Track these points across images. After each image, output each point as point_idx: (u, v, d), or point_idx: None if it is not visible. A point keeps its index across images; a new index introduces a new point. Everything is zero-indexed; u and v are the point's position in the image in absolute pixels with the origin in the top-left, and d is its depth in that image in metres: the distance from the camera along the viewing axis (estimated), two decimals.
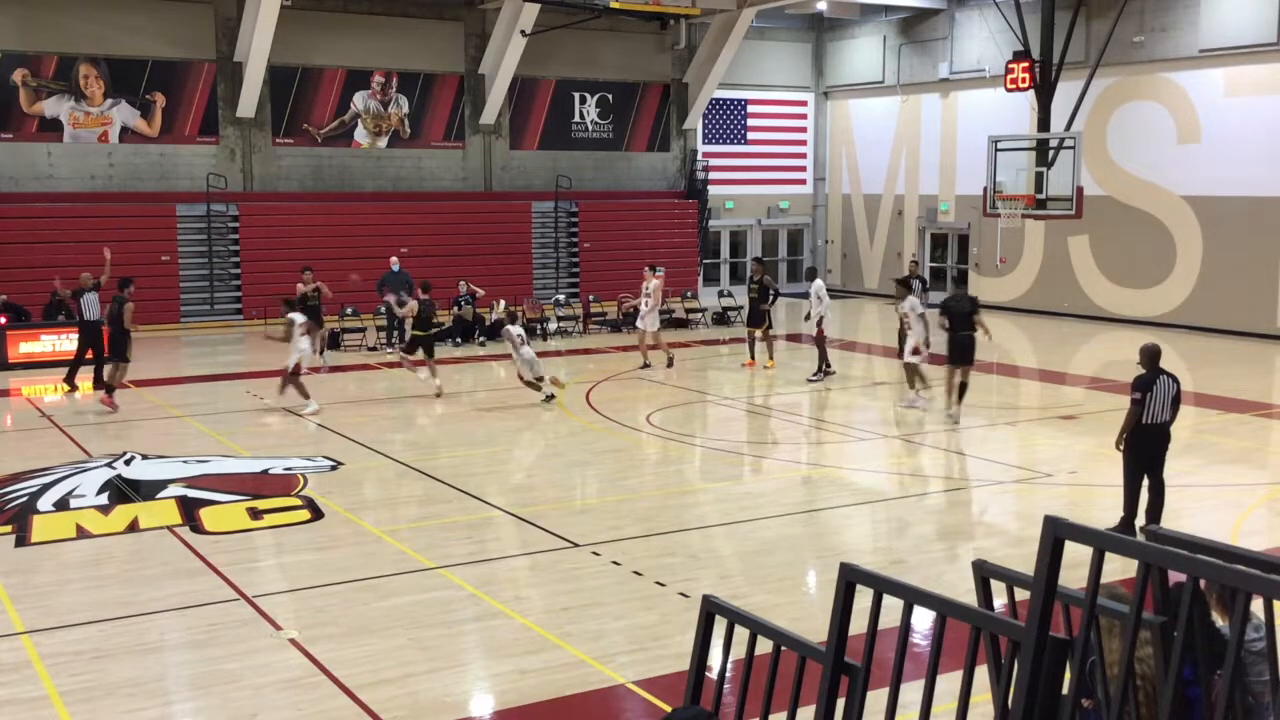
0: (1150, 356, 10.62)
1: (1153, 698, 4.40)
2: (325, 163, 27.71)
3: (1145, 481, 10.62)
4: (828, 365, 19.43)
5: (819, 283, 19.90)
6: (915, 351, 16.61)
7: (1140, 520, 10.43)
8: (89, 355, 18.43)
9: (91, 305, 18.44)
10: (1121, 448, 10.71)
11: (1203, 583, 3.82)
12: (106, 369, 17.31)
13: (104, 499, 12.11)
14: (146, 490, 12.43)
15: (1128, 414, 10.57)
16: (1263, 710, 4.62)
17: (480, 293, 24.28)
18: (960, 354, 15.89)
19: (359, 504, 12.04)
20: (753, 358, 20.67)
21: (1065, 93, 23.51)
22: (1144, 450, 10.55)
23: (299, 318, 17.14)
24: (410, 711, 7.17)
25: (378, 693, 7.38)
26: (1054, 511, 3.66)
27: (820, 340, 19.39)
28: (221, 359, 22.52)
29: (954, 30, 30.12)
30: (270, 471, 13.35)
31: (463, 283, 24.37)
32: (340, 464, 13.64)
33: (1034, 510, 11.75)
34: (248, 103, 26.21)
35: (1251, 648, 4.47)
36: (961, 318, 15.96)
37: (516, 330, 17.30)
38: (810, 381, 19.03)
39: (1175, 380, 10.59)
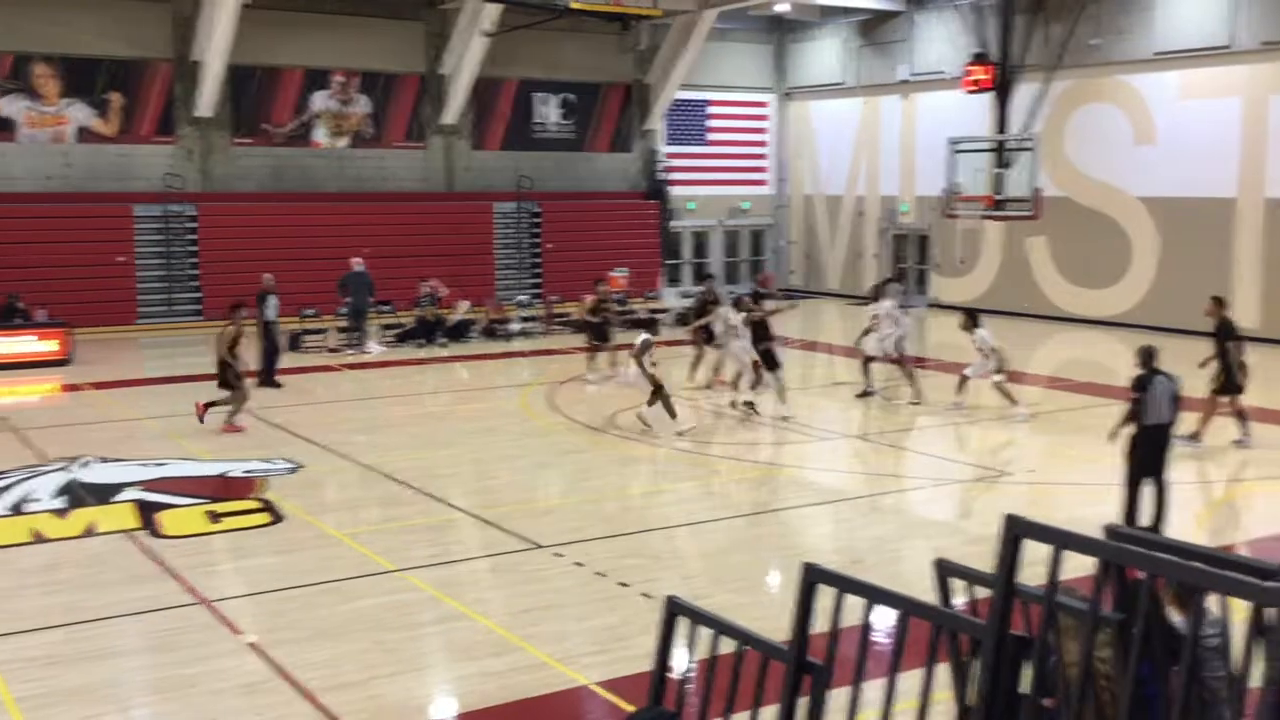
0: (1146, 357, 10.67)
1: (1113, 696, 4.45)
2: (285, 163, 27.51)
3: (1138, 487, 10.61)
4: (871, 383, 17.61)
5: (886, 304, 17.48)
6: (999, 372, 16.19)
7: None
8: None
9: (272, 307, 18.85)
10: (1114, 441, 10.73)
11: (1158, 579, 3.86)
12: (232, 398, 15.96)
13: (60, 503, 11.96)
14: (103, 494, 12.28)
15: (1126, 411, 10.63)
16: (1219, 705, 4.67)
17: (444, 292, 24.19)
18: (1233, 380, 14.26)
19: (319, 507, 11.96)
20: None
21: (1023, 95, 23.74)
22: (1148, 452, 10.54)
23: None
24: (372, 715, 7.13)
25: (339, 697, 7.33)
26: (1013, 510, 3.69)
27: (904, 360, 17.50)
28: (180, 360, 22.28)
29: (913, 32, 30.31)
30: (229, 474, 13.22)
31: (424, 284, 24.26)
32: (300, 466, 13.54)
33: (993, 509, 11.82)
34: (206, 102, 25.98)
35: (1207, 644, 4.52)
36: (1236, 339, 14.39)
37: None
38: (913, 405, 17.02)
39: (1173, 380, 10.64)
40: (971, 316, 16.75)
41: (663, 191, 32.02)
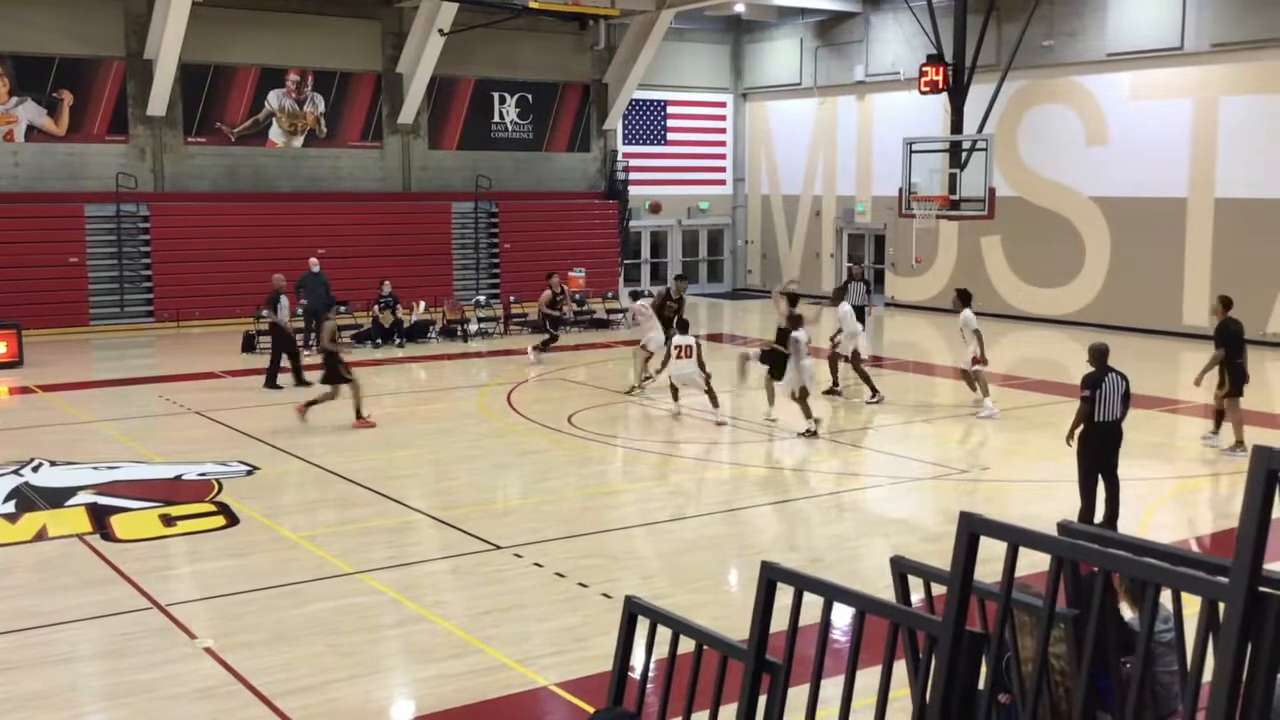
0: (1098, 354, 10.78)
1: (1068, 692, 4.49)
2: (239, 162, 27.27)
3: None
4: (873, 388, 17.56)
5: (846, 306, 18.10)
6: (974, 361, 16.40)
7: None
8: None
9: (284, 308, 18.85)
10: (1072, 443, 10.86)
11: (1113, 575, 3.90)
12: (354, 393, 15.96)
13: (11, 507, 11.80)
14: (55, 498, 12.12)
15: (1077, 411, 10.73)
16: (1171, 699, 4.74)
17: (401, 311, 23.93)
18: (1238, 383, 14.01)
19: (276, 509, 11.86)
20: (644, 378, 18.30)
21: (977, 95, 23.93)
22: (1098, 449, 10.65)
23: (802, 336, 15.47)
24: (329, 719, 7.08)
25: (296, 701, 7.28)
26: (969, 507, 3.72)
27: (856, 363, 17.83)
28: (132, 363, 22.06)
29: (869, 33, 30.51)
30: (183, 477, 13.09)
31: (385, 283, 24.00)
32: (256, 468, 13.42)
33: (950, 506, 11.93)
34: (158, 101, 25.69)
35: (1160, 639, 4.58)
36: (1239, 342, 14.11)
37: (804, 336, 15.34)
38: (869, 404, 17.24)
39: (1124, 377, 10.71)
40: (962, 296, 16.81)
41: (622, 191, 32.03)
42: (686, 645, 4.22)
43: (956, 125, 23.77)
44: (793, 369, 15.38)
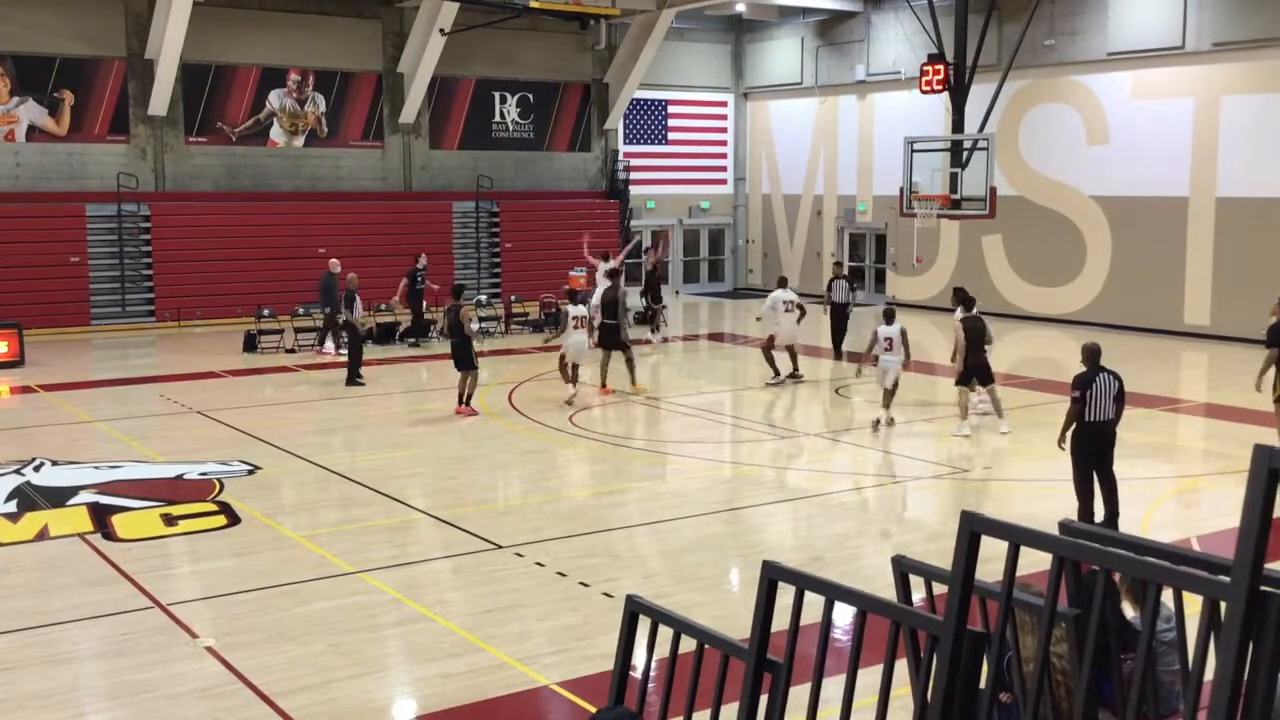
0: (1090, 355, 10.76)
1: (1069, 691, 4.49)
2: (240, 162, 27.27)
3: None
4: (778, 371, 19.01)
5: (775, 294, 19.42)
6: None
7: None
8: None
9: (358, 307, 19.22)
10: (1063, 446, 10.83)
11: (1116, 575, 3.90)
12: (467, 380, 16.49)
13: (12, 506, 11.80)
14: (57, 497, 12.12)
15: (1068, 412, 10.71)
16: (1172, 698, 4.74)
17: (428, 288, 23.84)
18: None
19: (277, 508, 11.87)
20: (604, 384, 18.18)
21: (978, 95, 23.94)
22: (1089, 449, 10.64)
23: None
24: (331, 718, 7.08)
25: (297, 700, 7.28)
26: (970, 507, 3.72)
27: (767, 346, 19.14)
28: (133, 362, 22.07)
29: (870, 33, 30.50)
30: (185, 476, 13.09)
31: (422, 256, 23.79)
32: (257, 468, 13.43)
33: (951, 506, 11.93)
34: (159, 101, 25.70)
35: (1162, 638, 4.58)
36: None
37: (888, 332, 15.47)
38: (770, 385, 18.77)
39: (1116, 377, 10.69)
40: (959, 296, 16.84)
41: (623, 191, 32.02)
42: (688, 644, 4.21)
43: (957, 125, 23.78)
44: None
